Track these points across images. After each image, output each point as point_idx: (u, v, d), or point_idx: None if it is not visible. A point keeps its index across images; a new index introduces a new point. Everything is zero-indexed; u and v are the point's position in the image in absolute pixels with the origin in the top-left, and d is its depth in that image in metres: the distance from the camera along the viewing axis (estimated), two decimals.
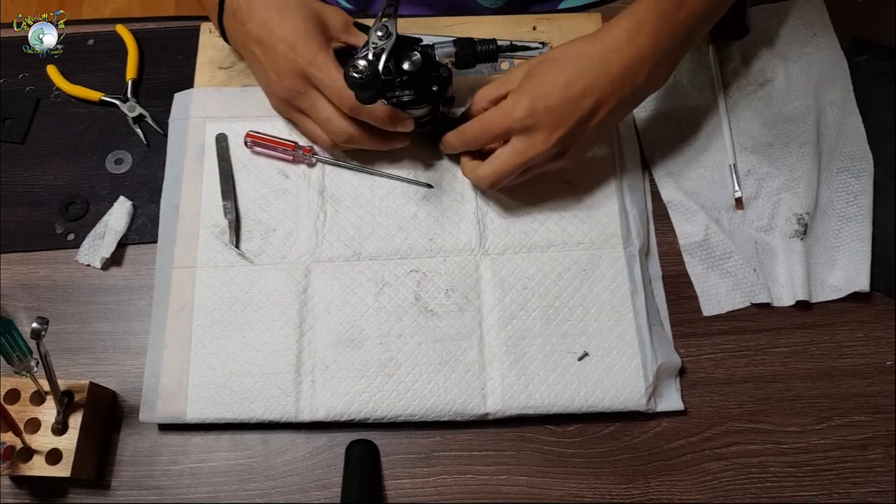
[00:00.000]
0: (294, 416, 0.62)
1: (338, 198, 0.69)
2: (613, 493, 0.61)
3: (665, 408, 0.63)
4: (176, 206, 0.69)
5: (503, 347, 0.64)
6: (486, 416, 0.62)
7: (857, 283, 0.66)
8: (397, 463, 0.62)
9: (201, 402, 0.62)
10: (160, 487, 0.61)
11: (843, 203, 0.70)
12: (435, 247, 0.68)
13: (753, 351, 0.66)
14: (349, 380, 0.63)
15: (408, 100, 0.63)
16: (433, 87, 0.63)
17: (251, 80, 0.74)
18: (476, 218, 0.69)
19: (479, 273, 0.67)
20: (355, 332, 0.64)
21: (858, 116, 0.73)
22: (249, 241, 0.68)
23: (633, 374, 0.63)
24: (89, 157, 0.73)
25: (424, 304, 0.65)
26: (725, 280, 0.67)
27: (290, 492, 0.61)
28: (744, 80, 0.76)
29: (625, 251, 0.67)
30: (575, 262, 0.67)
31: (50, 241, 0.70)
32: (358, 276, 0.66)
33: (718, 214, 0.70)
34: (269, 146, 0.70)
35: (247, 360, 0.64)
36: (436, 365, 0.63)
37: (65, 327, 0.66)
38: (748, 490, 0.61)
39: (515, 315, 0.65)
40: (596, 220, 0.68)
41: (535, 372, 0.63)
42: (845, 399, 0.64)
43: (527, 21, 0.77)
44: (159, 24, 0.80)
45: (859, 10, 0.79)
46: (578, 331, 0.64)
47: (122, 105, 0.75)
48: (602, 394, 0.62)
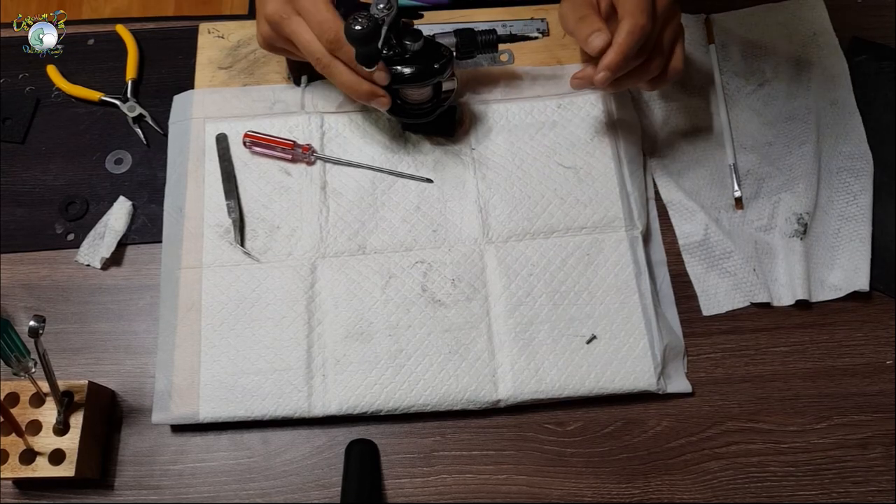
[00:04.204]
0: (307, 411, 0.62)
1: (340, 193, 0.70)
2: (613, 492, 0.61)
3: (674, 389, 0.63)
4: (179, 208, 0.69)
5: (511, 334, 0.64)
6: (498, 402, 0.62)
7: (856, 283, 0.66)
8: (397, 462, 0.62)
9: (214, 401, 0.62)
10: (160, 487, 0.61)
11: (843, 203, 0.70)
12: (439, 238, 0.68)
13: (753, 350, 0.66)
14: (360, 373, 0.63)
15: (409, 75, 0.63)
16: (434, 65, 0.64)
17: (251, 80, 0.75)
18: (478, 207, 0.69)
19: (485, 262, 0.67)
20: (364, 325, 0.65)
21: (858, 116, 0.73)
22: (254, 240, 0.68)
23: (642, 355, 0.63)
24: (89, 157, 0.73)
25: (431, 295, 0.66)
26: (725, 280, 0.67)
27: (290, 491, 0.61)
28: (744, 80, 0.76)
29: (627, 234, 0.67)
30: (578, 247, 0.67)
31: (50, 241, 0.70)
32: (364, 270, 0.67)
33: (718, 214, 0.70)
34: (268, 145, 0.70)
35: (257, 358, 0.64)
36: (445, 354, 0.64)
37: (64, 327, 0.66)
38: (748, 489, 0.61)
39: (522, 301, 0.65)
40: (598, 203, 0.69)
41: (544, 357, 0.63)
42: (845, 398, 0.64)
43: (526, 13, 0.78)
44: (159, 24, 0.80)
45: (859, 10, 0.79)
46: (585, 314, 0.65)
47: (122, 105, 0.75)
48: (612, 375, 0.63)
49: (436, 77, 0.64)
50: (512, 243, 0.68)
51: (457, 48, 0.68)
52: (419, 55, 0.63)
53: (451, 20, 0.76)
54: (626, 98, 0.74)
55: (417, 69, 0.63)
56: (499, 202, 0.69)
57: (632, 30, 0.59)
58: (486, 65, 0.75)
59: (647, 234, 0.69)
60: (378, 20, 0.59)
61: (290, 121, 0.72)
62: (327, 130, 0.72)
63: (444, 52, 0.65)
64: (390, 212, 0.69)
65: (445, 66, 0.64)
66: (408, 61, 0.63)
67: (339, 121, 0.73)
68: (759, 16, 0.78)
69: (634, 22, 0.59)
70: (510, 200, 0.69)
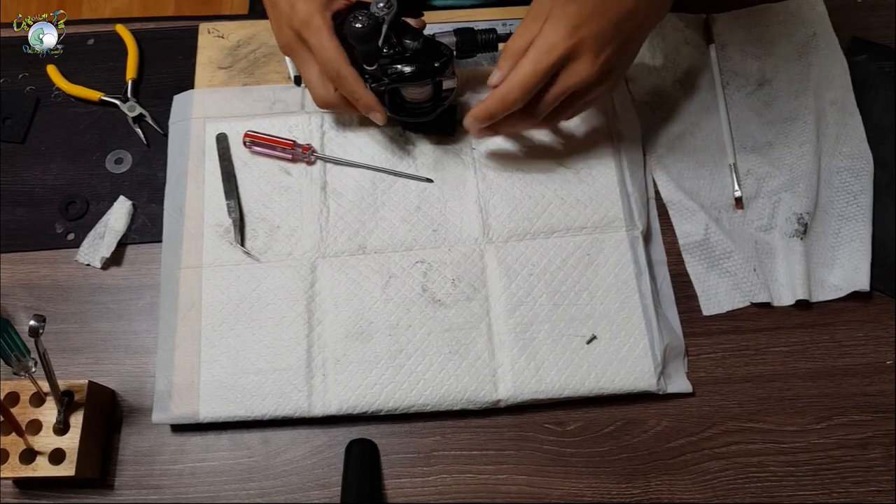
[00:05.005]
0: (307, 411, 0.62)
1: (340, 192, 0.70)
2: (613, 492, 0.61)
3: (675, 389, 0.63)
4: (180, 208, 0.69)
5: (512, 334, 0.64)
6: (498, 402, 0.62)
7: (856, 283, 0.66)
8: (397, 462, 0.62)
9: (214, 401, 0.62)
10: (160, 487, 0.61)
11: (843, 203, 0.70)
12: (439, 237, 0.68)
13: (753, 350, 0.66)
14: (360, 373, 0.63)
15: (409, 74, 0.63)
16: (435, 63, 0.64)
17: (251, 80, 0.75)
18: (479, 206, 0.69)
19: (485, 261, 0.67)
20: (364, 324, 0.65)
21: (858, 116, 0.73)
22: (254, 240, 0.68)
23: (642, 356, 0.63)
24: (89, 157, 0.73)
25: (432, 295, 0.66)
26: (725, 280, 0.67)
27: (290, 491, 0.61)
28: (744, 80, 0.76)
29: (628, 234, 0.67)
30: (579, 247, 0.67)
31: (50, 240, 0.70)
32: (364, 270, 0.67)
33: (718, 214, 0.70)
34: (268, 145, 0.70)
35: (257, 358, 0.64)
36: (446, 354, 0.64)
37: (65, 327, 0.66)
38: (748, 489, 0.61)
39: (522, 301, 0.65)
40: (598, 203, 0.69)
41: (544, 357, 0.63)
42: (845, 398, 0.64)
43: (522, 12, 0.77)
44: (159, 24, 0.80)
45: (859, 10, 0.79)
46: (585, 314, 0.65)
47: (122, 105, 0.75)
48: (612, 376, 0.63)
49: (436, 76, 0.64)
50: (512, 243, 0.68)
51: (457, 47, 0.68)
52: (419, 54, 0.63)
53: (451, 20, 0.77)
54: (627, 98, 0.74)
55: (418, 68, 0.63)
56: (499, 202, 0.69)
57: (499, 97, 0.60)
58: (486, 64, 0.75)
59: (647, 233, 0.69)
60: (378, 18, 0.59)
61: (290, 120, 0.72)
62: (327, 130, 0.72)
63: (445, 51, 0.65)
64: (390, 211, 0.69)
65: (446, 65, 0.64)
66: (408, 60, 0.63)
67: (339, 121, 0.72)
68: (759, 16, 0.78)
69: (506, 91, 0.60)
70: (510, 200, 0.69)
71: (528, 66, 0.59)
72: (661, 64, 0.77)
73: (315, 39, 0.62)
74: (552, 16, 0.59)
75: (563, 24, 0.58)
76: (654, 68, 0.76)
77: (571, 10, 0.58)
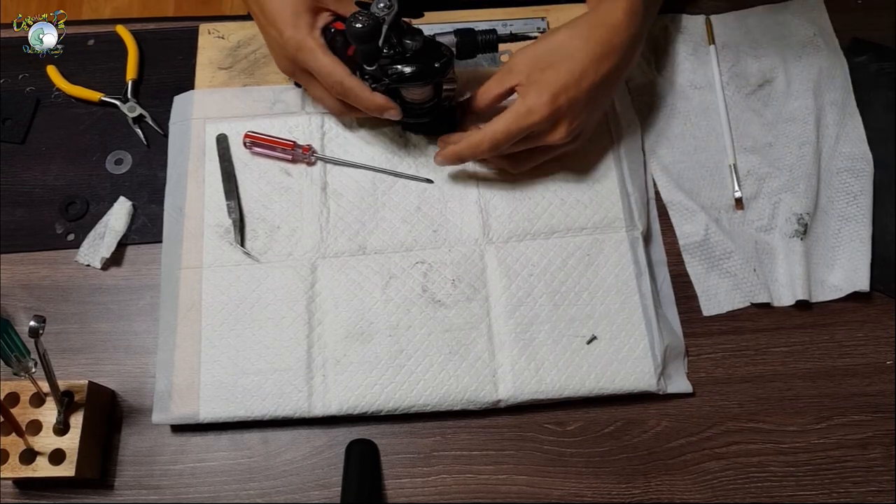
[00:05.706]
0: (307, 411, 0.62)
1: (340, 193, 0.70)
2: (613, 492, 0.61)
3: (675, 390, 0.63)
4: (180, 208, 0.69)
5: (512, 334, 0.64)
6: (498, 403, 0.62)
7: (857, 283, 0.66)
8: (397, 462, 0.62)
9: (214, 401, 0.62)
10: (160, 487, 0.61)
11: (843, 203, 0.70)
12: (439, 238, 0.68)
13: (753, 351, 0.66)
14: (360, 373, 0.63)
15: (409, 74, 0.63)
16: (435, 64, 0.64)
17: (251, 80, 0.75)
18: (479, 207, 0.69)
19: (485, 262, 0.67)
20: (364, 325, 0.65)
21: (858, 116, 0.73)
22: (254, 240, 0.68)
23: (642, 356, 0.63)
24: (89, 158, 0.73)
25: (432, 295, 0.66)
26: (725, 280, 0.67)
27: (290, 491, 0.61)
28: (744, 80, 0.76)
29: (628, 234, 0.68)
30: (579, 248, 0.67)
31: (50, 241, 0.70)
32: (364, 270, 0.67)
33: (718, 214, 0.70)
34: (268, 146, 0.70)
35: (257, 358, 0.64)
36: (446, 355, 0.64)
37: (65, 327, 0.66)
38: (748, 489, 0.61)
39: (522, 302, 0.65)
40: (598, 204, 0.69)
41: (544, 357, 0.63)
42: (845, 399, 0.64)
43: (526, 13, 0.78)
44: (159, 25, 0.80)
45: (859, 10, 0.79)
46: (586, 315, 0.65)
47: (122, 105, 0.75)
48: (612, 376, 0.63)
49: (436, 76, 0.64)
50: (512, 244, 0.68)
51: (457, 48, 0.68)
52: (419, 54, 0.63)
53: (451, 20, 0.76)
54: (627, 98, 0.74)
55: (418, 68, 0.63)
56: (499, 202, 0.69)
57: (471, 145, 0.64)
58: (487, 65, 0.75)
59: (647, 234, 0.69)
60: (378, 18, 0.60)
61: (290, 121, 0.72)
62: (328, 131, 0.72)
63: (445, 52, 0.65)
64: (391, 212, 0.69)
65: (446, 66, 0.64)
66: (408, 60, 0.63)
67: (339, 121, 0.73)
68: (759, 16, 0.78)
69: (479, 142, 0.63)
70: (510, 201, 0.69)
71: (503, 125, 0.62)
72: (661, 64, 0.77)
73: (312, 62, 0.63)
74: (532, 80, 0.62)
75: (545, 91, 0.61)
76: (654, 69, 0.76)
77: (550, 78, 0.61)
